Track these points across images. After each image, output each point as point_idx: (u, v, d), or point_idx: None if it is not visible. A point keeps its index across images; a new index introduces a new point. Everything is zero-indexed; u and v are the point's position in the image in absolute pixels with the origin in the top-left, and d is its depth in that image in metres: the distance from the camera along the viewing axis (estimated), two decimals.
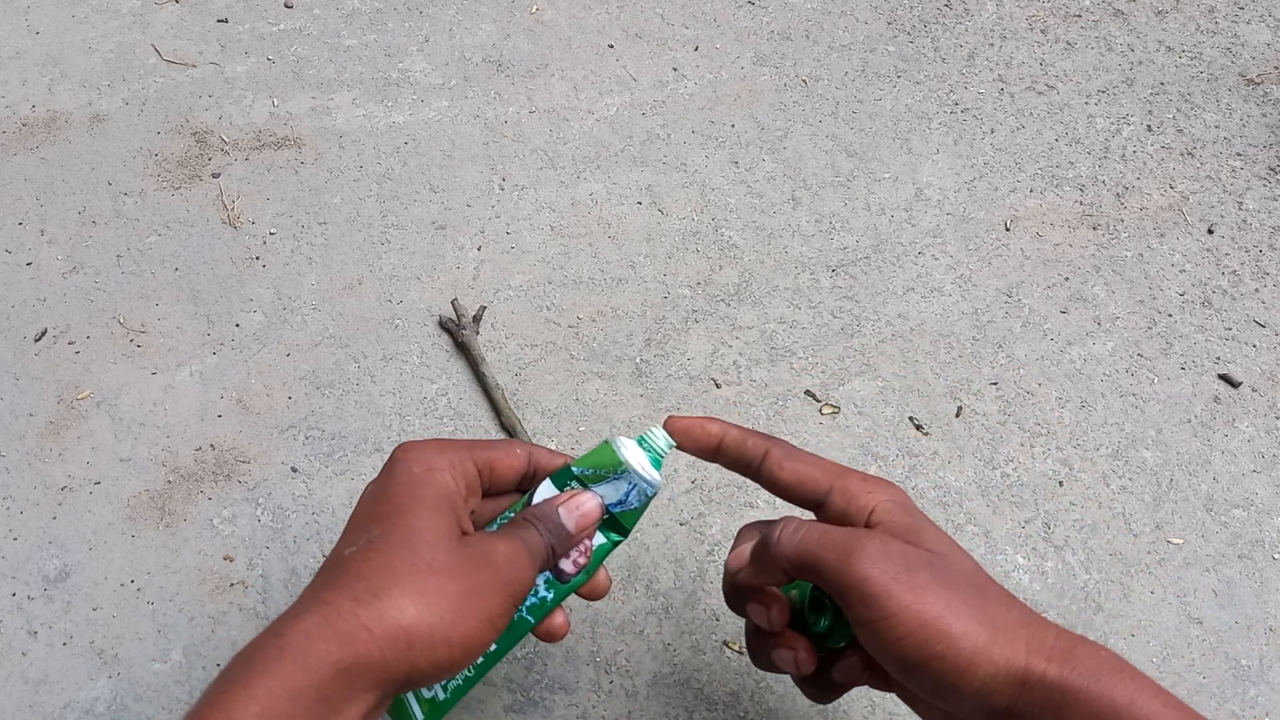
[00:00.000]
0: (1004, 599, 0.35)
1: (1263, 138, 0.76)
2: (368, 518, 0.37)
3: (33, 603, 0.55)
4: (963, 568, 0.36)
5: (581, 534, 0.40)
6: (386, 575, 0.34)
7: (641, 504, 0.42)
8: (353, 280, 0.68)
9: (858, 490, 0.38)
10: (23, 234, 0.71)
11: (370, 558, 0.35)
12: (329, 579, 0.35)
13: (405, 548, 0.35)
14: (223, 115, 0.79)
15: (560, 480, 0.42)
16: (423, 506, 0.37)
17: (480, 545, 0.37)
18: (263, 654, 0.32)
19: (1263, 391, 0.62)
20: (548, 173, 0.74)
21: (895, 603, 0.33)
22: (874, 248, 0.70)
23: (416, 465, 0.38)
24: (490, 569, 0.36)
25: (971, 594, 0.34)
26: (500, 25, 0.85)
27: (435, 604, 0.34)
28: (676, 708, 0.51)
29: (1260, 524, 0.57)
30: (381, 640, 0.32)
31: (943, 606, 0.33)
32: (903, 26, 0.85)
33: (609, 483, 0.41)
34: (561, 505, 0.40)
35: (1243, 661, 0.52)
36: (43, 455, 0.60)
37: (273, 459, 0.60)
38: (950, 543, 0.37)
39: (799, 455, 0.40)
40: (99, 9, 0.87)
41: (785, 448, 0.40)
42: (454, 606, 0.34)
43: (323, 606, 0.33)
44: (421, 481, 0.37)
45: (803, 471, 0.39)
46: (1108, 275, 0.68)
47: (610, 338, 0.65)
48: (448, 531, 0.36)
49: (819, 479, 0.39)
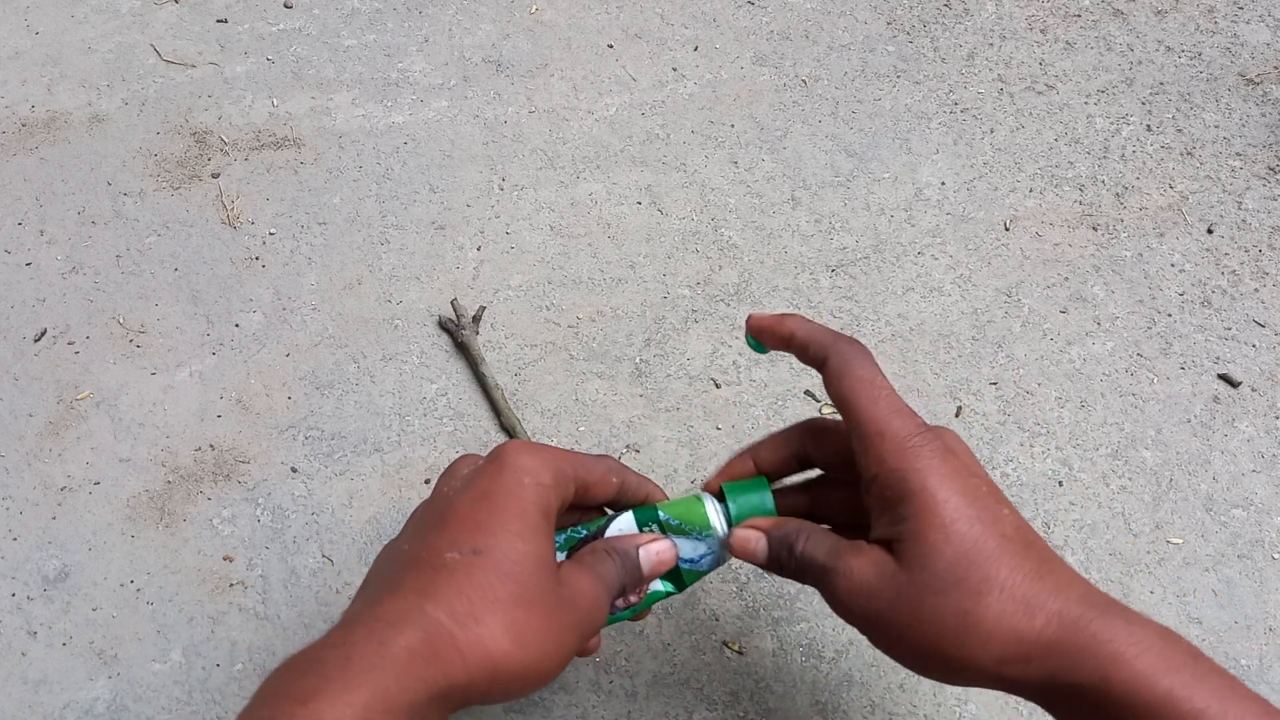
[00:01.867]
0: None
1: (1262, 137, 0.76)
2: (472, 523, 0.36)
3: (32, 603, 0.55)
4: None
5: (650, 579, 0.40)
6: (488, 601, 0.34)
7: (710, 569, 0.41)
8: (352, 280, 0.68)
9: (887, 486, 0.36)
10: (22, 234, 0.71)
11: (474, 575, 0.34)
12: (426, 584, 0.34)
13: (508, 573, 0.35)
14: (222, 115, 0.79)
15: (643, 517, 0.41)
16: (527, 528, 0.36)
17: (571, 583, 0.37)
18: (362, 659, 0.31)
19: (1262, 391, 0.62)
20: (547, 173, 0.74)
21: None
22: (873, 248, 0.70)
23: (527, 477, 0.37)
24: (577, 611, 0.36)
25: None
26: (500, 25, 0.85)
27: (526, 641, 0.34)
28: (676, 708, 0.51)
29: (1260, 524, 0.57)
30: (472, 668, 0.33)
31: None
32: (902, 26, 0.85)
33: (690, 538, 0.41)
34: (643, 547, 0.40)
35: (1242, 661, 0.52)
36: (42, 455, 0.60)
37: (272, 459, 0.60)
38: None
39: (851, 379, 0.38)
40: (98, 9, 0.87)
41: (843, 361, 0.38)
42: (540, 645, 0.34)
43: (424, 620, 0.33)
44: (529, 498, 0.37)
45: (844, 402, 0.38)
46: (1107, 275, 0.68)
47: (610, 338, 0.65)
48: (547, 561, 0.36)
49: (854, 423, 0.38)
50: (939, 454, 0.36)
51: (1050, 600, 0.33)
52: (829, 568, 0.37)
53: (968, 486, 0.35)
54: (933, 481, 0.35)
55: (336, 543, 0.57)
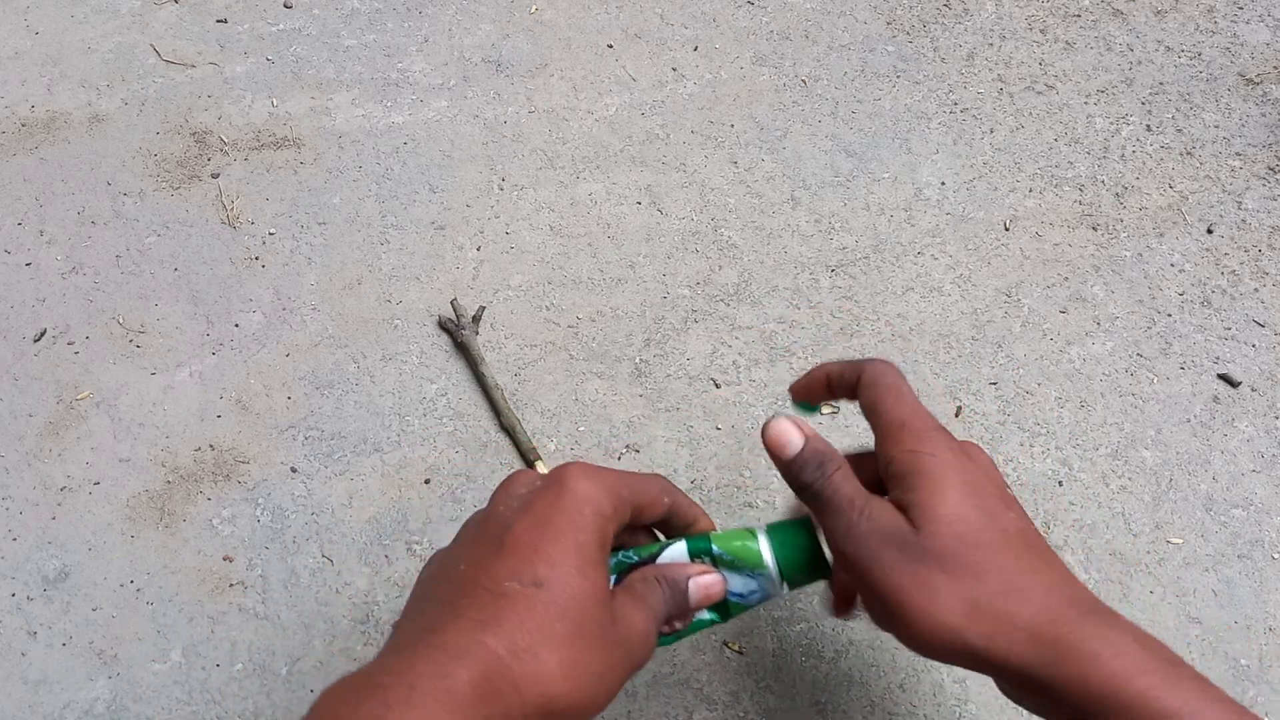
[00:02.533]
0: None
1: (1262, 137, 0.76)
2: (531, 549, 0.35)
3: (32, 603, 0.55)
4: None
5: (696, 611, 0.40)
6: (546, 637, 0.34)
7: (758, 604, 0.41)
8: (352, 280, 0.68)
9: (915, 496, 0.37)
10: (22, 234, 0.71)
11: (535, 609, 0.34)
12: (488, 615, 0.34)
13: (566, 609, 0.34)
14: (222, 115, 0.79)
15: (696, 548, 0.41)
16: (587, 563, 0.36)
17: (624, 617, 0.37)
18: (425, 692, 0.31)
19: (1262, 391, 0.62)
20: (547, 173, 0.75)
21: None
22: (873, 248, 0.70)
23: (588, 506, 0.37)
24: (628, 647, 0.36)
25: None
26: (499, 25, 0.85)
27: (580, 678, 0.34)
28: (676, 708, 0.51)
29: (1259, 524, 0.57)
30: (527, 705, 0.32)
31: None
32: (902, 26, 0.85)
33: (741, 574, 0.40)
34: (693, 579, 0.40)
35: (1242, 661, 0.52)
36: (42, 455, 0.60)
37: (272, 459, 0.60)
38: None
39: (880, 387, 0.40)
40: (98, 9, 0.87)
41: (874, 373, 0.41)
42: (593, 681, 0.34)
43: (485, 654, 0.32)
44: (589, 529, 0.36)
45: (871, 405, 0.40)
46: (1107, 275, 0.68)
47: (610, 338, 0.65)
48: (603, 597, 0.36)
49: (878, 421, 0.39)
50: (953, 450, 0.37)
51: (1043, 594, 0.34)
52: (854, 502, 0.38)
53: (975, 482, 0.37)
54: (943, 469, 0.37)
55: (336, 543, 0.57)
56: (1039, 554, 0.36)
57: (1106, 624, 0.34)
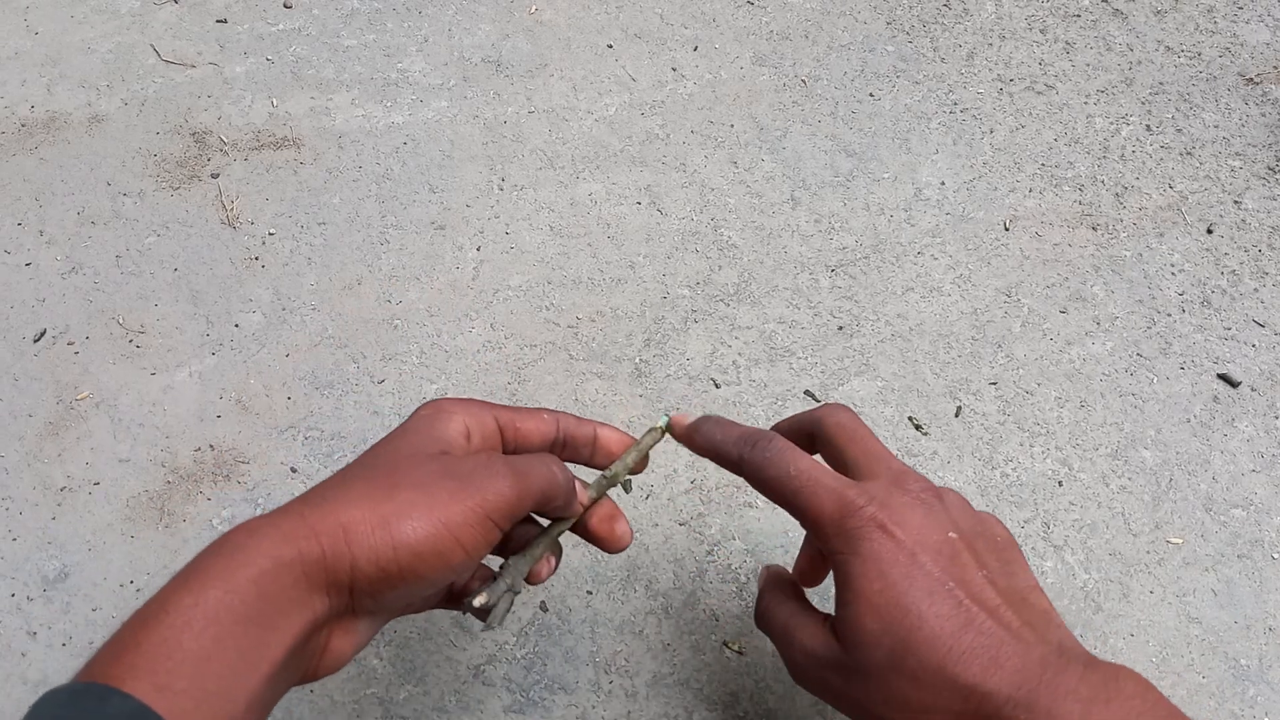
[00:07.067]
0: None
1: (1262, 137, 0.76)
2: (367, 453, 0.38)
3: (32, 603, 0.55)
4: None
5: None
6: (341, 484, 0.34)
7: None
8: (352, 280, 0.68)
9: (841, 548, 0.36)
10: (21, 234, 0.71)
11: (333, 476, 0.36)
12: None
13: (370, 464, 0.35)
14: (222, 115, 0.79)
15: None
16: (407, 435, 0.37)
17: (451, 457, 0.36)
18: (207, 553, 0.32)
19: (1262, 391, 0.62)
20: (547, 173, 0.74)
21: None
22: (873, 248, 0.70)
23: (425, 409, 0.38)
24: (455, 479, 0.35)
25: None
26: (499, 25, 0.85)
27: (380, 503, 0.33)
28: (676, 708, 0.51)
29: (1259, 524, 0.57)
30: (321, 534, 0.32)
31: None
32: (902, 26, 0.85)
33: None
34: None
35: (1242, 661, 0.52)
36: (42, 456, 0.60)
37: (272, 459, 0.60)
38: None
39: (773, 470, 0.39)
40: (98, 9, 0.87)
41: (759, 460, 0.39)
42: (400, 507, 0.33)
43: (274, 514, 0.33)
44: (422, 420, 0.38)
45: (781, 497, 0.38)
46: (1107, 275, 0.68)
47: (610, 338, 0.65)
48: (421, 452, 0.36)
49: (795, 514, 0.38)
50: (878, 536, 0.35)
51: (991, 680, 0.32)
52: (785, 634, 0.39)
53: (909, 572, 0.34)
54: (872, 569, 0.34)
55: None
56: (982, 631, 0.33)
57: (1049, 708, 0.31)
